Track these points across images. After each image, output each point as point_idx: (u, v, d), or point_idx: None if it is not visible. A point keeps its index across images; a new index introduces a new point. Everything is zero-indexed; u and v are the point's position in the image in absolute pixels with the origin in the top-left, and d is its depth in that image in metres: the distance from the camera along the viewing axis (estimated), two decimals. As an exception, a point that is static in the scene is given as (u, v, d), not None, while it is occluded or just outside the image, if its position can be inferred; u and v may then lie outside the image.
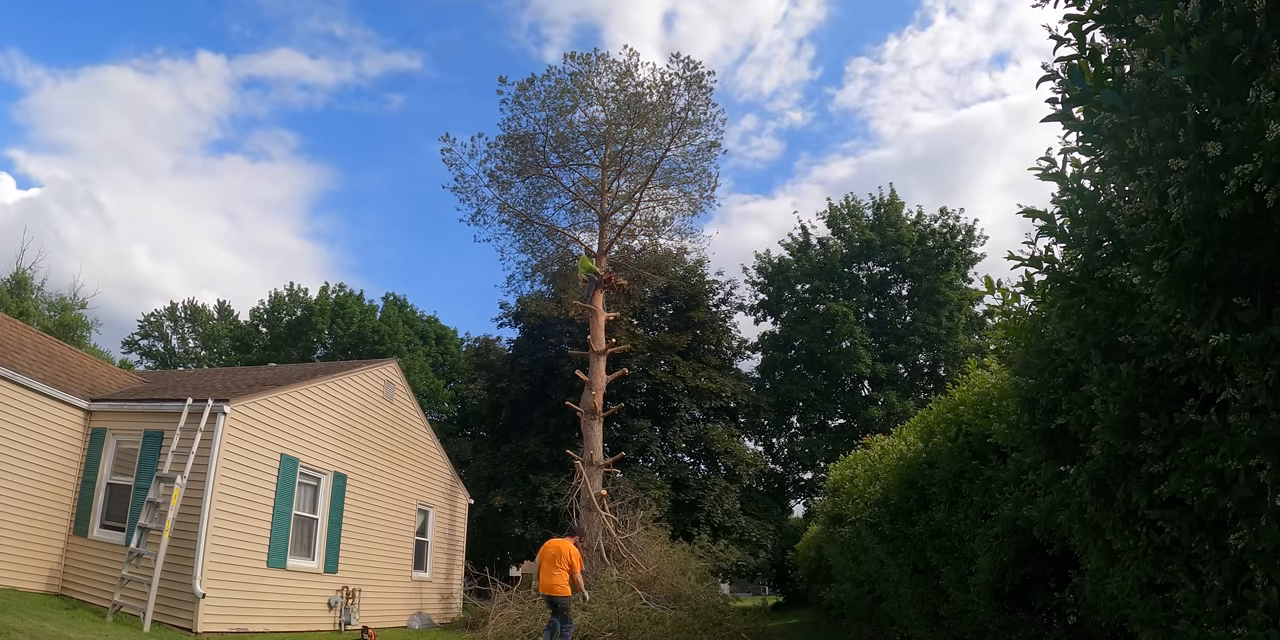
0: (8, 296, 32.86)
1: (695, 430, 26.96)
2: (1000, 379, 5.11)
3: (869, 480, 8.06)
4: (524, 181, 22.49)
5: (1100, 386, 3.01)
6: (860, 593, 10.36)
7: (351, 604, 14.05)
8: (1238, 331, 2.18)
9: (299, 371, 16.38)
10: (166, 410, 11.90)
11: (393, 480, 16.48)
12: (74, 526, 11.66)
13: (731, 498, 25.77)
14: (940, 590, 6.50)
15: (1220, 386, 2.45)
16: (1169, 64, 2.12)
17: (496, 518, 24.24)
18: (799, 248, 32.42)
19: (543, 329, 27.35)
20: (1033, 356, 3.74)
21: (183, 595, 10.68)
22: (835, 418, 31.46)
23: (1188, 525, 2.71)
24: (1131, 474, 2.95)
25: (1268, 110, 1.91)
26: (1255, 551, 2.35)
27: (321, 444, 14.06)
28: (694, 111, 21.38)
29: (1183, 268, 2.28)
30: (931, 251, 30.11)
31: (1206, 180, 2.11)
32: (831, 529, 10.63)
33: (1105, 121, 2.42)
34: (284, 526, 12.69)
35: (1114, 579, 3.36)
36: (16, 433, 10.95)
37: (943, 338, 29.31)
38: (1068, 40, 2.60)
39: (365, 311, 43.11)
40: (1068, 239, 3.06)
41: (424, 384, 39.87)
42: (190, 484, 10.97)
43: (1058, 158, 2.93)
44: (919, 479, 6.41)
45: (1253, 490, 2.32)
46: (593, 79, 21.24)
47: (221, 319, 48.22)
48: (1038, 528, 4.45)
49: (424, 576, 17.64)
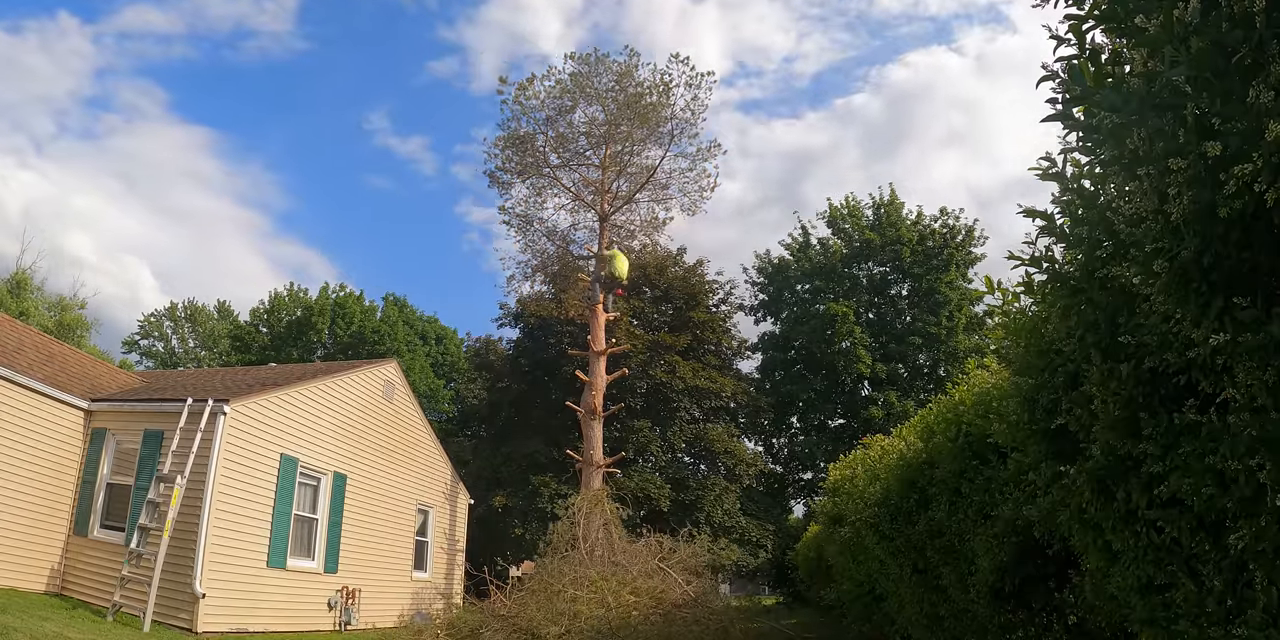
0: (8, 296, 32.88)
1: (695, 430, 26.95)
2: (1000, 379, 5.11)
3: (869, 480, 8.05)
4: (524, 182, 22.51)
5: (1100, 386, 3.01)
6: (860, 593, 10.35)
7: (351, 604, 14.05)
8: (1238, 331, 2.18)
9: (299, 371, 16.39)
10: (166, 410, 11.91)
11: (393, 480, 16.48)
12: (74, 526, 11.66)
13: (731, 498, 25.77)
14: (940, 590, 6.50)
15: (1220, 386, 2.45)
16: (1169, 64, 2.12)
17: (496, 518, 24.24)
18: (799, 248, 32.44)
19: (543, 329, 27.35)
20: (1033, 356, 3.74)
21: (183, 595, 10.68)
22: (835, 418, 31.47)
23: (1188, 525, 2.71)
24: (1131, 474, 2.95)
25: (1268, 110, 1.91)
26: (1255, 551, 2.35)
27: (321, 444, 14.06)
28: (694, 111, 21.41)
29: (1183, 268, 2.28)
30: (931, 251, 30.13)
31: (1206, 180, 2.12)
32: (831, 529, 10.63)
33: (1105, 121, 2.42)
34: (284, 526, 12.69)
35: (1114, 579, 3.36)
36: (16, 433, 10.96)
37: (942, 338, 29.32)
38: (1068, 40, 2.60)
39: (365, 311, 43.14)
40: (1068, 239, 3.06)
41: (424, 384, 39.89)
42: (190, 484, 10.97)
43: (1058, 158, 2.93)
44: (919, 479, 6.40)
45: (1253, 490, 2.32)
46: (593, 79, 21.26)
47: (221, 319, 48.25)
48: (1038, 528, 4.44)
49: (424, 577, 17.64)
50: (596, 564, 15.98)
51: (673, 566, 16.43)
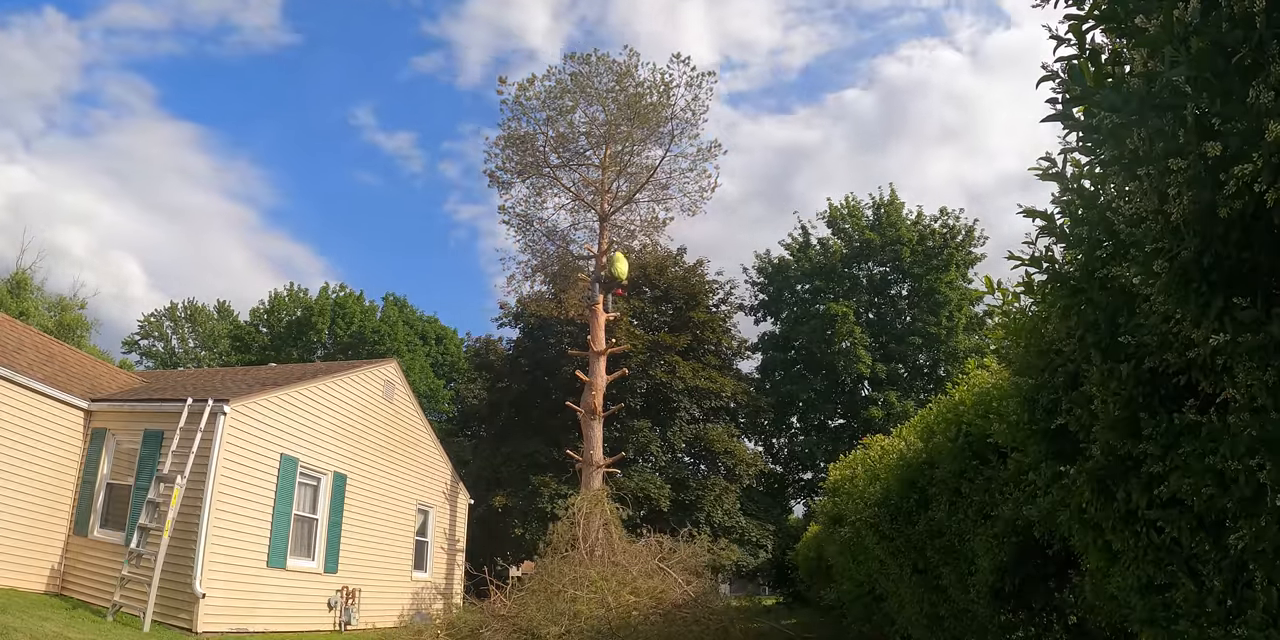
0: (8, 296, 32.88)
1: (695, 430, 26.96)
2: (1000, 379, 5.10)
3: (869, 480, 8.05)
4: (524, 182, 22.52)
5: (1100, 386, 3.01)
6: (860, 593, 10.35)
7: (351, 604, 14.05)
8: (1238, 331, 2.18)
9: (299, 371, 16.39)
10: (166, 410, 11.91)
11: (393, 480, 16.48)
12: (74, 526, 11.66)
13: (731, 498, 25.77)
14: (940, 590, 6.49)
15: (1220, 386, 2.45)
16: (1169, 64, 2.12)
17: (496, 518, 24.24)
18: (799, 248, 32.45)
19: (543, 329, 27.36)
20: (1033, 356, 3.74)
21: (183, 595, 10.68)
22: (835, 418, 31.49)
23: (1188, 525, 2.71)
24: (1131, 474, 2.95)
25: (1268, 110, 1.91)
26: (1255, 551, 2.35)
27: (321, 444, 14.06)
28: (694, 111, 21.41)
29: (1183, 268, 2.28)
30: (931, 252, 30.14)
31: (1206, 180, 2.12)
32: (831, 529, 10.62)
33: (1105, 121, 2.42)
34: (284, 526, 12.69)
35: (1114, 579, 3.36)
36: (17, 433, 10.96)
37: (942, 338, 29.33)
38: (1068, 40, 2.60)
39: (365, 311, 43.16)
40: (1068, 239, 3.06)
41: (424, 384, 39.90)
42: (190, 484, 10.97)
43: (1058, 158, 2.93)
44: (919, 479, 6.40)
45: (1253, 490, 2.32)
46: (593, 79, 21.27)
47: (221, 319, 48.26)
48: (1038, 528, 4.44)
49: (424, 577, 17.64)
50: (596, 564, 15.97)
51: (673, 566, 16.43)
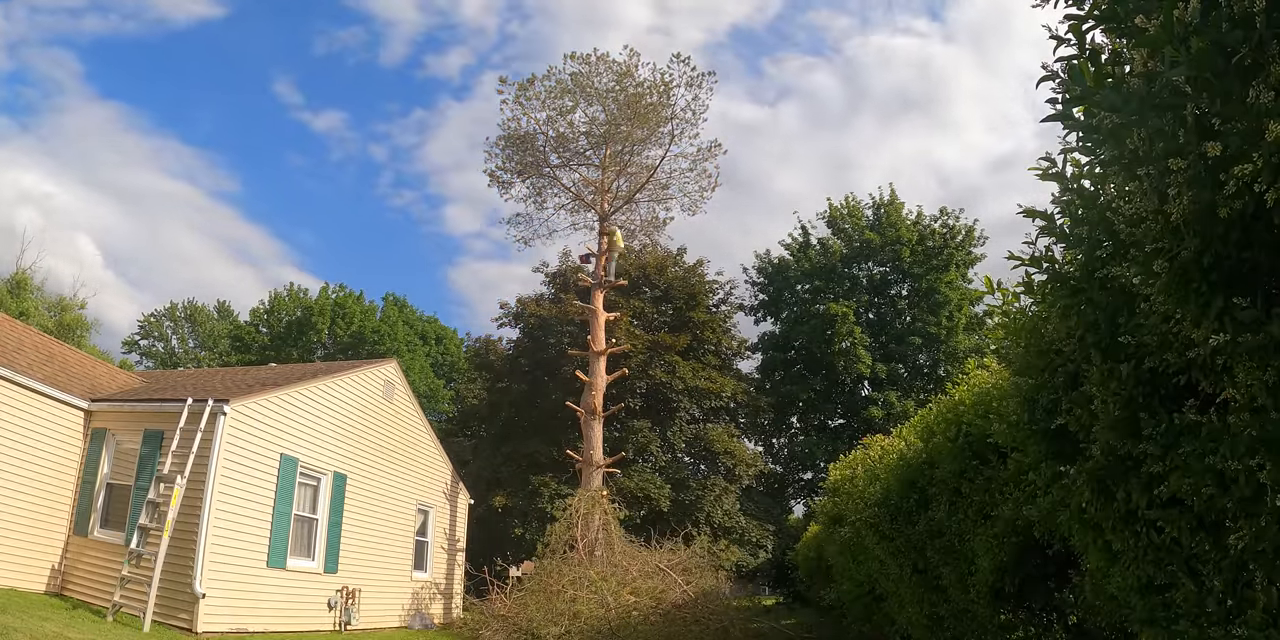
0: (8, 296, 32.87)
1: (695, 430, 26.94)
2: (1000, 379, 5.11)
3: (869, 480, 8.06)
4: (524, 182, 22.54)
5: (1100, 386, 3.02)
6: (860, 593, 10.35)
7: (351, 604, 14.05)
8: (1238, 331, 2.19)
9: (299, 371, 16.39)
10: (166, 410, 11.90)
11: (393, 480, 16.48)
12: (74, 526, 11.66)
13: (731, 498, 25.76)
14: (940, 590, 6.50)
15: (1220, 386, 2.46)
16: (1169, 64, 2.12)
17: (496, 518, 24.23)
18: (799, 248, 32.44)
19: (543, 329, 27.35)
20: (1033, 356, 3.74)
21: (183, 595, 10.68)
22: (835, 418, 31.47)
23: (1188, 525, 2.71)
24: (1131, 474, 2.95)
25: (1268, 110, 1.91)
26: (1255, 551, 2.35)
27: (321, 444, 14.06)
28: (694, 111, 21.41)
29: (1183, 268, 2.29)
30: (931, 252, 30.14)
31: (1206, 180, 2.12)
32: (831, 529, 10.63)
33: (1105, 121, 2.42)
34: (284, 526, 12.69)
35: (1114, 579, 3.36)
36: (16, 433, 10.95)
37: (942, 338, 29.32)
38: (1068, 40, 2.61)
39: (365, 311, 43.18)
40: (1068, 239, 3.07)
41: (424, 384, 39.91)
42: (190, 484, 10.97)
43: (1058, 158, 2.93)
44: (919, 479, 6.41)
45: (1253, 490, 2.32)
46: (593, 79, 21.27)
47: (221, 319, 48.27)
48: (1038, 528, 4.45)
49: (424, 577, 17.64)
50: (596, 564, 15.98)
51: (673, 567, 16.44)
